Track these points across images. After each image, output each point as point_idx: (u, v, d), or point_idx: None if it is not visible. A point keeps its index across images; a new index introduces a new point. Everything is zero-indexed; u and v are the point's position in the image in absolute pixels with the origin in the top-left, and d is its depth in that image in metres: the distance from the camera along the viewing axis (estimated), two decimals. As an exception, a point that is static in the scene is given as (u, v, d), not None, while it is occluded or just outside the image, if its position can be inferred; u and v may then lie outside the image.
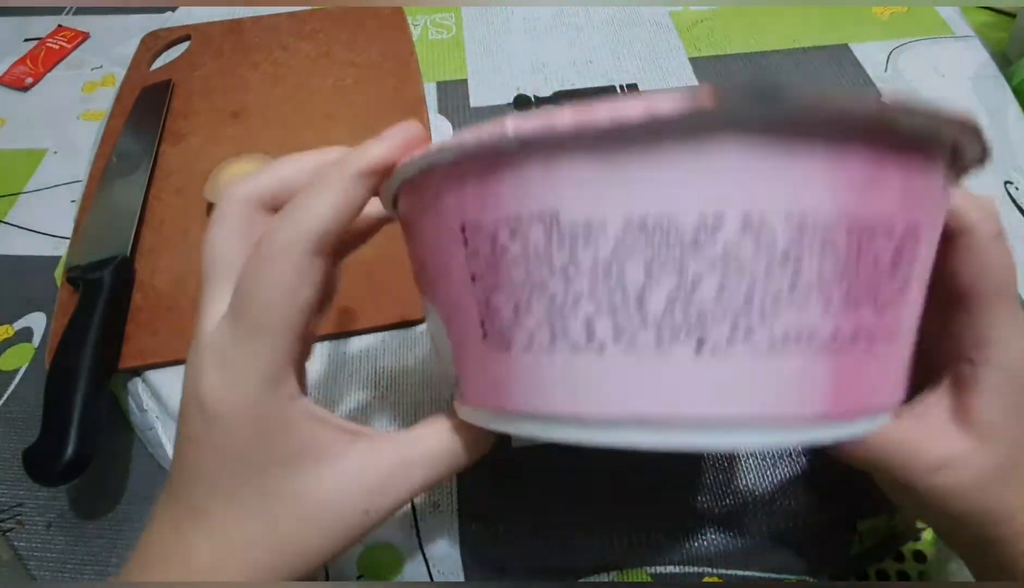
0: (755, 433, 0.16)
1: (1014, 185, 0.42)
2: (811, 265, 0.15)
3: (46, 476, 0.30)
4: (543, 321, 0.16)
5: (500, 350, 0.17)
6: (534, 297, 0.16)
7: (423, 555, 0.30)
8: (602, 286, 0.15)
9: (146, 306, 0.37)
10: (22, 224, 0.45)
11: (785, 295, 0.15)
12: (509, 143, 0.15)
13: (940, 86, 0.48)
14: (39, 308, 0.41)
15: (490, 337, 0.17)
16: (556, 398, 0.16)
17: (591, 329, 0.15)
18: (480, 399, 0.19)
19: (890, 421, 0.19)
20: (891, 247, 0.16)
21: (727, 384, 0.15)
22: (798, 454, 0.32)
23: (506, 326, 0.17)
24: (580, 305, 0.15)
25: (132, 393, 0.36)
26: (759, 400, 0.15)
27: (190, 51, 0.53)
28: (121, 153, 0.44)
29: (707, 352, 0.15)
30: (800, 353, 0.15)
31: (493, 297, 0.17)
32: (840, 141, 0.14)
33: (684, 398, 0.15)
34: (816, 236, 0.15)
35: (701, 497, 0.31)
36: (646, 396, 0.15)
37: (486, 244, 0.17)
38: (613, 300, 0.15)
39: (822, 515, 0.30)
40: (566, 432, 0.17)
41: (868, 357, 0.16)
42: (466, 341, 0.19)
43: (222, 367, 0.20)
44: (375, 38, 0.52)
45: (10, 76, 0.56)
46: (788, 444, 0.17)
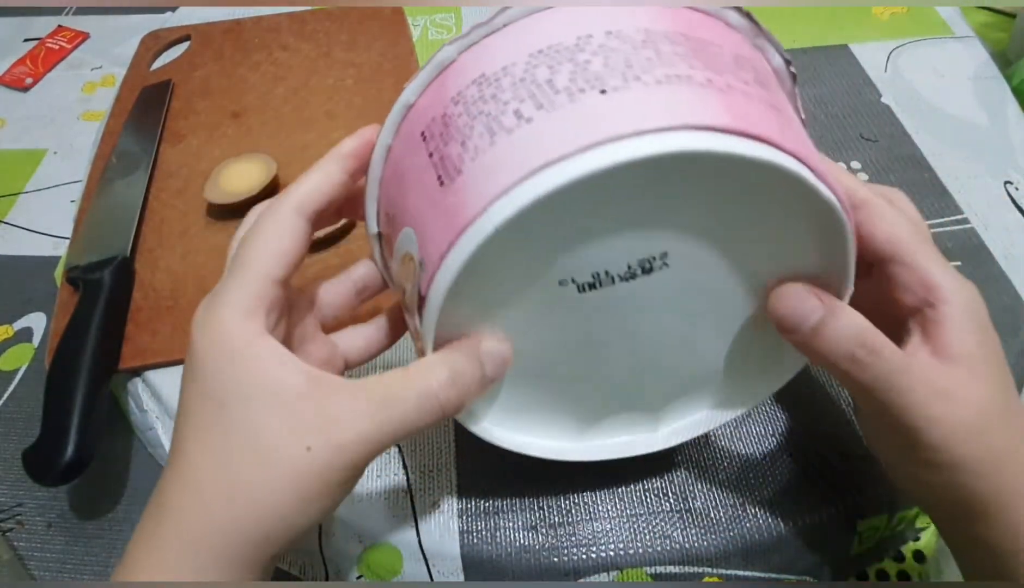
0: (675, 137, 0.18)
1: (1014, 185, 0.43)
2: (665, 48, 0.20)
3: (46, 476, 0.30)
4: (484, 132, 0.20)
5: (454, 180, 0.20)
6: (476, 124, 0.20)
7: (423, 555, 0.30)
8: (521, 89, 0.20)
9: (146, 306, 0.37)
10: (22, 224, 0.45)
11: (655, 59, 0.20)
12: (450, 58, 0.22)
13: (940, 86, 0.49)
14: (39, 308, 0.41)
15: (444, 179, 0.21)
16: (505, 174, 0.19)
17: (519, 113, 0.20)
18: (442, 241, 0.20)
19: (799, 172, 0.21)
20: (725, 53, 0.21)
21: (636, 103, 0.19)
22: (798, 453, 0.32)
23: (455, 159, 0.20)
24: (508, 105, 0.20)
25: (132, 393, 0.36)
26: (668, 113, 0.19)
27: (190, 51, 0.53)
28: (121, 153, 0.44)
29: (610, 91, 0.19)
30: (685, 85, 0.19)
31: (445, 151, 0.21)
32: None
33: (606, 121, 0.19)
34: (659, 36, 0.21)
35: (701, 497, 0.31)
36: (574, 132, 0.19)
37: (438, 123, 0.21)
38: (531, 91, 0.20)
39: (822, 515, 0.30)
40: (519, 195, 0.19)
41: (749, 101, 0.20)
42: (428, 209, 0.21)
43: (207, 307, 0.22)
44: (375, 38, 0.52)
45: (10, 76, 0.56)
46: (700, 148, 0.18)
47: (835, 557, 0.32)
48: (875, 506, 0.31)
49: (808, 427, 0.33)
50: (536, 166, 0.18)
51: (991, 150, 0.45)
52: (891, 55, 0.51)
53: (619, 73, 0.19)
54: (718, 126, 0.19)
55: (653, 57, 0.20)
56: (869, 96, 0.48)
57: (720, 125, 0.19)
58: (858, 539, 0.31)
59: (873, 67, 0.50)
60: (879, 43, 0.52)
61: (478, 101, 0.21)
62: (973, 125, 0.46)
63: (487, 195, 0.19)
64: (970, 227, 0.40)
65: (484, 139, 0.20)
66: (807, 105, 0.48)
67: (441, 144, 0.21)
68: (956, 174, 0.43)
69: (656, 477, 0.31)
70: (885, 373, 0.22)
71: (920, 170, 0.43)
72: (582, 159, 0.18)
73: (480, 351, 0.23)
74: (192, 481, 0.21)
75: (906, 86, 0.49)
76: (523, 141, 0.19)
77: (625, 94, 0.19)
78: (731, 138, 0.19)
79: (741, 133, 0.19)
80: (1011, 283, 0.38)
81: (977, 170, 0.43)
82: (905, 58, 0.51)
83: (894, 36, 0.52)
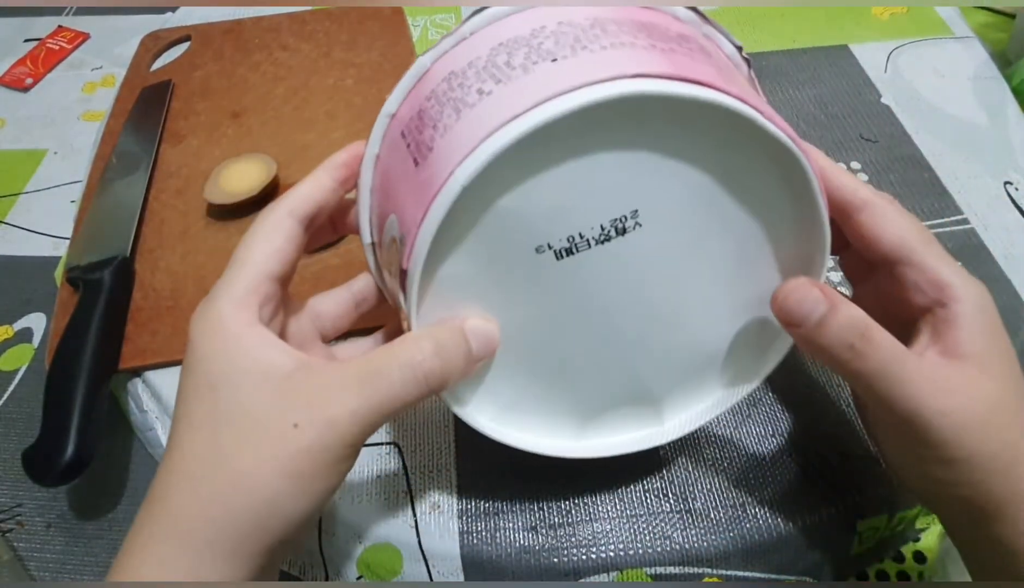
0: (618, 84, 0.19)
1: (1014, 185, 0.43)
2: (611, 28, 0.22)
3: (46, 477, 0.30)
4: (451, 112, 0.22)
5: (426, 158, 0.22)
6: (445, 108, 0.22)
7: (423, 555, 0.30)
8: (483, 72, 0.22)
9: (146, 306, 0.37)
10: (22, 224, 0.45)
11: (602, 35, 0.22)
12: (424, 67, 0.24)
13: (940, 86, 0.49)
14: (39, 308, 0.41)
15: (419, 160, 0.22)
16: (468, 141, 0.20)
17: (481, 91, 0.21)
18: (417, 212, 0.21)
19: None
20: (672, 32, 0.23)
21: (583, 65, 0.20)
22: (798, 453, 0.32)
23: (427, 141, 0.22)
24: (471, 86, 0.22)
25: (132, 394, 0.36)
26: (612, 67, 0.20)
27: (190, 52, 0.53)
28: (121, 153, 0.44)
29: (560, 60, 0.21)
30: (629, 49, 0.21)
31: (420, 137, 0.22)
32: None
33: (556, 81, 0.20)
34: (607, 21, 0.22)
35: (701, 498, 0.31)
36: (528, 94, 0.20)
37: (415, 119, 0.23)
38: (491, 73, 0.22)
39: (822, 515, 0.30)
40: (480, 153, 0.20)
41: (693, 60, 0.21)
42: (405, 192, 0.22)
43: (206, 300, 0.23)
44: (375, 39, 0.52)
45: (10, 77, 0.56)
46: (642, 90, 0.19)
47: (835, 557, 0.32)
48: (875, 506, 0.31)
49: (808, 427, 0.33)
50: (494, 126, 0.20)
51: (991, 150, 0.45)
52: (891, 55, 0.51)
53: (568, 46, 0.21)
54: (660, 73, 0.20)
55: (600, 34, 0.22)
56: (869, 96, 0.48)
57: (662, 72, 0.20)
58: (858, 539, 0.31)
59: (873, 67, 0.50)
60: (879, 43, 0.52)
61: (447, 91, 0.22)
62: (973, 125, 0.46)
63: (452, 161, 0.20)
64: (970, 227, 0.40)
65: (451, 118, 0.21)
66: (807, 105, 0.48)
67: (416, 134, 0.23)
68: (956, 174, 0.43)
69: (656, 478, 0.31)
70: (885, 362, 0.22)
71: (920, 170, 0.43)
72: (534, 112, 0.19)
73: (465, 327, 0.23)
74: (184, 471, 0.21)
75: (906, 86, 0.49)
76: (484, 110, 0.21)
77: (573, 60, 0.21)
78: (672, 82, 0.20)
79: (682, 78, 0.20)
80: (1011, 283, 0.38)
81: (977, 170, 0.43)
82: (905, 58, 0.51)
83: (894, 36, 0.52)
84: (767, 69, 0.50)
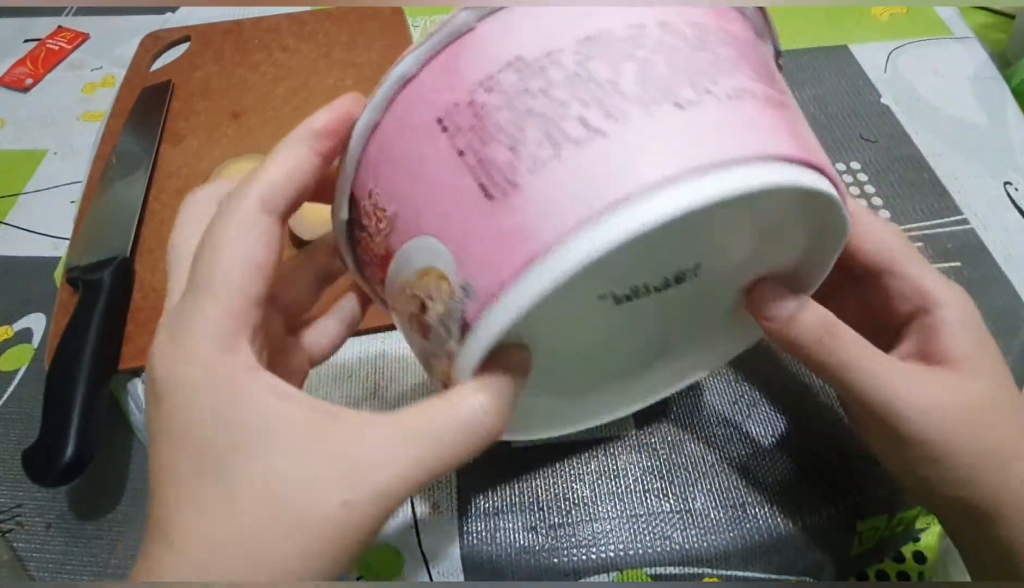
0: (760, 171, 0.18)
1: (1013, 186, 0.43)
2: (721, 50, 0.19)
3: (45, 477, 0.30)
4: (541, 138, 0.17)
5: (508, 195, 0.18)
6: (526, 125, 0.18)
7: (423, 555, 0.30)
8: (580, 87, 0.18)
9: (146, 306, 0.37)
10: (22, 225, 0.45)
11: (717, 65, 0.19)
12: (467, 24, 0.19)
13: (939, 87, 0.49)
14: (39, 309, 0.41)
15: (493, 191, 0.18)
16: (584, 201, 0.17)
17: (586, 122, 0.17)
18: (498, 271, 0.18)
19: None
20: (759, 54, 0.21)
21: (716, 127, 0.18)
22: (798, 454, 0.32)
23: (506, 168, 0.18)
24: (569, 108, 0.18)
25: (132, 394, 0.36)
26: (748, 140, 0.18)
27: (190, 52, 0.53)
28: (121, 154, 0.44)
29: (686, 106, 0.18)
30: (750, 101, 0.19)
31: (485, 153, 0.18)
32: None
33: (693, 148, 0.17)
34: (707, 32, 0.20)
35: (701, 498, 0.31)
36: (661, 158, 0.17)
37: (466, 113, 0.18)
38: (594, 94, 0.18)
39: (822, 515, 0.30)
40: (610, 231, 0.17)
41: (797, 118, 0.20)
42: (470, 224, 0.18)
43: (172, 336, 0.18)
44: (375, 39, 0.52)
45: (10, 77, 0.56)
46: (785, 183, 0.18)
47: (835, 557, 0.32)
48: (875, 506, 0.31)
49: (808, 427, 0.33)
50: (623, 195, 0.17)
51: (991, 150, 0.45)
52: (891, 55, 0.51)
53: (687, 82, 0.18)
54: (792, 157, 0.18)
55: (713, 61, 0.19)
56: (869, 96, 0.48)
57: (793, 155, 0.18)
58: (858, 539, 0.31)
59: (873, 67, 0.50)
60: (879, 43, 0.52)
61: (522, 94, 0.18)
62: (973, 125, 0.46)
63: (564, 224, 0.17)
64: (970, 227, 0.40)
65: (544, 148, 0.17)
66: (807, 105, 0.48)
67: (477, 142, 0.18)
68: (956, 174, 0.43)
69: (656, 478, 0.31)
70: (852, 356, 0.23)
71: (920, 170, 0.43)
72: (676, 193, 0.17)
73: (511, 364, 0.20)
74: (196, 562, 0.17)
75: (906, 86, 0.49)
76: (599, 160, 0.17)
77: (701, 111, 0.18)
78: (801, 170, 0.19)
79: (806, 163, 0.19)
80: (1011, 283, 0.38)
81: (977, 170, 0.43)
82: (905, 58, 0.51)
83: (894, 36, 0.52)
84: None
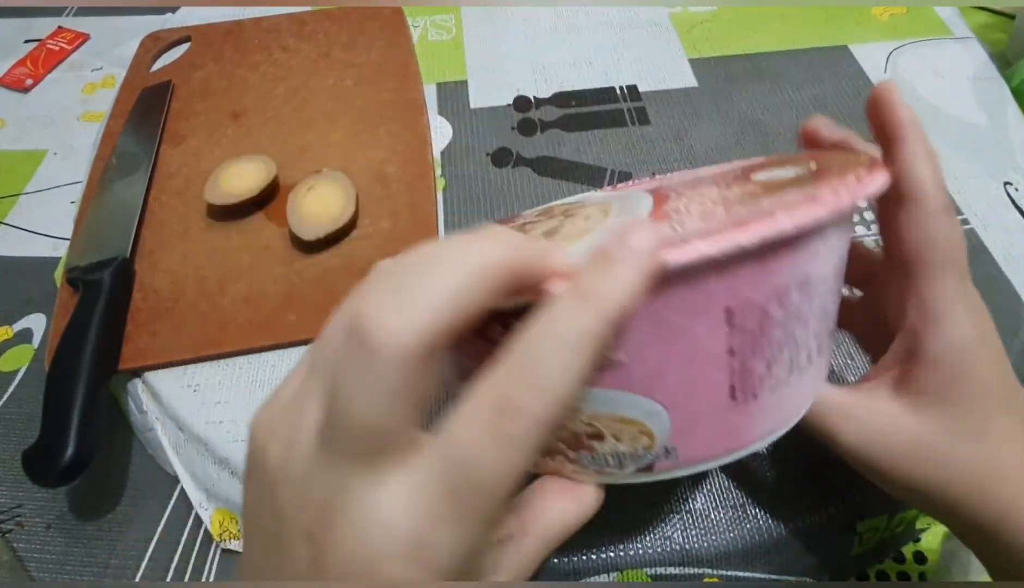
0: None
1: (1013, 186, 0.43)
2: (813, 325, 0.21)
3: (45, 477, 0.30)
4: (786, 364, 0.20)
5: (747, 403, 0.20)
6: (786, 348, 0.19)
7: (423, 556, 0.30)
8: (818, 322, 0.20)
9: (146, 307, 0.37)
10: (22, 225, 0.45)
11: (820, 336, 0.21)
12: (786, 233, 0.17)
13: (939, 87, 0.49)
14: (39, 309, 0.41)
15: (739, 396, 0.20)
16: (785, 414, 0.21)
17: (810, 355, 0.20)
18: (707, 451, 0.21)
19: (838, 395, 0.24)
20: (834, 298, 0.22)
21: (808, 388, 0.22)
22: (798, 454, 0.32)
23: (758, 381, 0.20)
24: (809, 341, 0.20)
25: (132, 394, 0.36)
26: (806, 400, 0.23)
27: (190, 52, 0.53)
28: (121, 154, 0.44)
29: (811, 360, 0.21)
30: (811, 366, 0.21)
31: (750, 362, 0.19)
32: None
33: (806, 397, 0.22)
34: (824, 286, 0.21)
35: (701, 498, 0.31)
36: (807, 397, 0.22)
37: (754, 318, 0.18)
38: (821, 330, 0.20)
39: (822, 515, 0.30)
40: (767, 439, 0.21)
41: (824, 367, 0.23)
42: (703, 410, 0.20)
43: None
44: (375, 39, 0.52)
45: (10, 77, 0.56)
46: None
47: (835, 558, 0.32)
48: (875, 507, 0.31)
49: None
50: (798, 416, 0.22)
51: (991, 150, 0.45)
52: (891, 56, 0.51)
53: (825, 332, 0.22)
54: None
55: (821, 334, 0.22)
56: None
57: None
58: (858, 540, 0.31)
59: (873, 68, 0.50)
60: (879, 44, 0.52)
61: (794, 318, 0.19)
62: (972, 125, 0.46)
63: (767, 430, 0.21)
64: (970, 227, 0.40)
65: (784, 371, 0.20)
66: (807, 105, 0.48)
67: (748, 350, 0.19)
68: (956, 174, 0.43)
69: (656, 478, 0.31)
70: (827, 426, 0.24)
71: (920, 171, 0.43)
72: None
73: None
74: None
75: (906, 87, 0.49)
76: (799, 388, 0.21)
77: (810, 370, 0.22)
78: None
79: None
80: (1011, 283, 0.38)
81: (977, 170, 0.43)
82: (905, 59, 0.51)
83: (894, 37, 0.52)
84: (767, 69, 0.50)
